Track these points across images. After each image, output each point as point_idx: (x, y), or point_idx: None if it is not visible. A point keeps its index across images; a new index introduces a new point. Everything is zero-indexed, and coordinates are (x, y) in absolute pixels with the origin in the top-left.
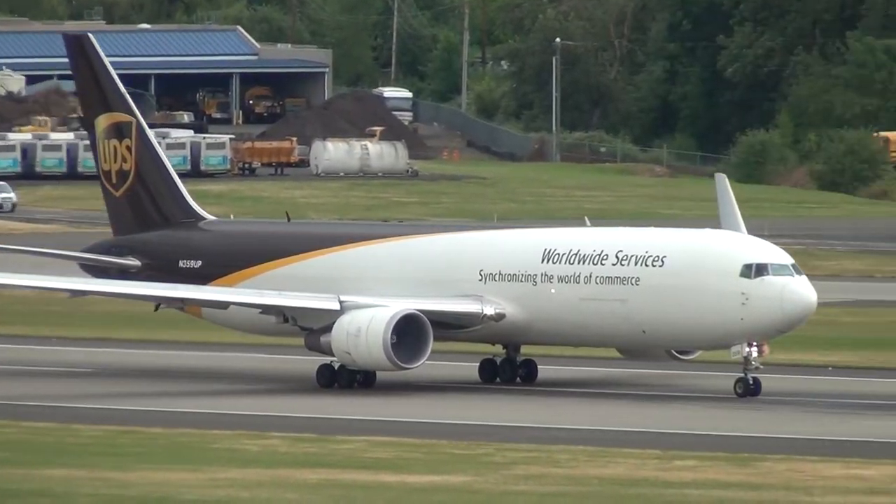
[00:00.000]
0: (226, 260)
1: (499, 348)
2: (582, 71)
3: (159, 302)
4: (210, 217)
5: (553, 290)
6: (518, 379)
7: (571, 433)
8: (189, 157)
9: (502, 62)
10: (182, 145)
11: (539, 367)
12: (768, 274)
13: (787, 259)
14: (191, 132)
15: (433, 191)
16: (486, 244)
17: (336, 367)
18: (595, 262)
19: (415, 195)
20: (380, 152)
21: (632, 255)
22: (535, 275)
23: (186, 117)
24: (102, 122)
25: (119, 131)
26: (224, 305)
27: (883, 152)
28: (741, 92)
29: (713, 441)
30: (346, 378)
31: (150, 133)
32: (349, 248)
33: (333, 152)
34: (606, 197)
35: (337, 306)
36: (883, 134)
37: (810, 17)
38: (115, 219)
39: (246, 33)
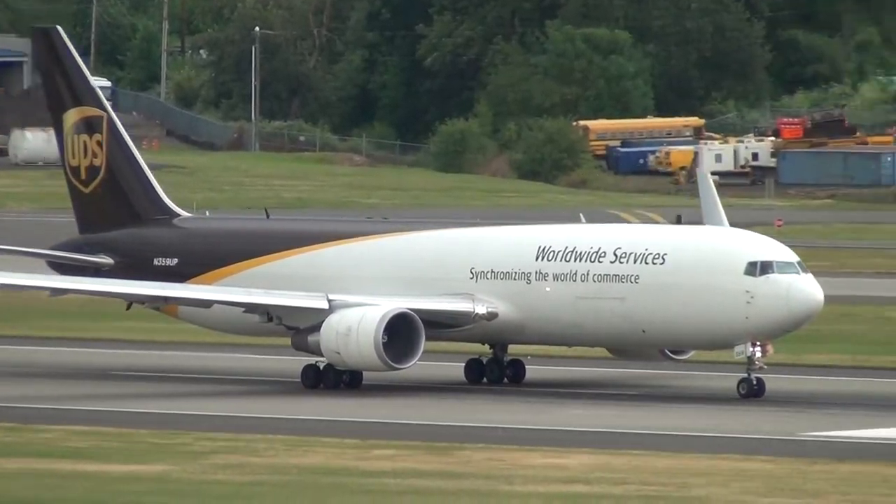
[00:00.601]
0: (203, 258)
1: (486, 349)
2: (281, 60)
3: (142, 301)
4: (185, 213)
5: (548, 289)
6: (505, 379)
7: (270, 422)
8: None
9: (201, 51)
10: None
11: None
12: (773, 272)
13: (793, 256)
14: None
15: None
16: (477, 241)
17: (321, 368)
18: (592, 259)
19: None
20: None
21: (631, 253)
22: (530, 273)
23: None
24: (72, 116)
25: (89, 126)
26: (208, 304)
27: (582, 141)
28: (441, 81)
29: (412, 430)
30: (333, 378)
31: (122, 128)
32: (334, 245)
33: (32, 141)
34: (305, 186)
35: (325, 305)
36: (583, 123)
37: (510, 6)
38: (84, 216)
39: None
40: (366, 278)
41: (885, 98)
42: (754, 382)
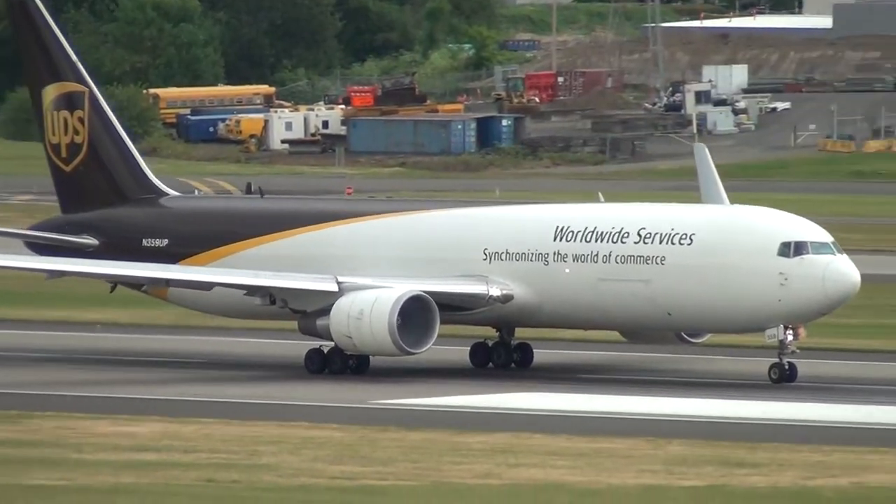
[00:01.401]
0: (196, 238)
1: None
2: None
3: (141, 283)
4: (172, 192)
5: (567, 270)
6: (513, 364)
7: None
8: None
9: None
10: None
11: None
12: (808, 252)
13: (827, 237)
14: None
15: None
16: (491, 221)
17: (326, 352)
18: (615, 240)
19: None
20: None
21: (656, 233)
22: (547, 254)
23: None
24: (51, 92)
25: (70, 102)
26: (209, 287)
27: (152, 109)
28: (8, 49)
29: None
30: (338, 363)
31: (105, 104)
32: (339, 224)
33: None
34: None
35: (334, 287)
36: (153, 91)
37: None
38: (65, 195)
39: None
40: (373, 259)
41: (456, 66)
42: (786, 367)
